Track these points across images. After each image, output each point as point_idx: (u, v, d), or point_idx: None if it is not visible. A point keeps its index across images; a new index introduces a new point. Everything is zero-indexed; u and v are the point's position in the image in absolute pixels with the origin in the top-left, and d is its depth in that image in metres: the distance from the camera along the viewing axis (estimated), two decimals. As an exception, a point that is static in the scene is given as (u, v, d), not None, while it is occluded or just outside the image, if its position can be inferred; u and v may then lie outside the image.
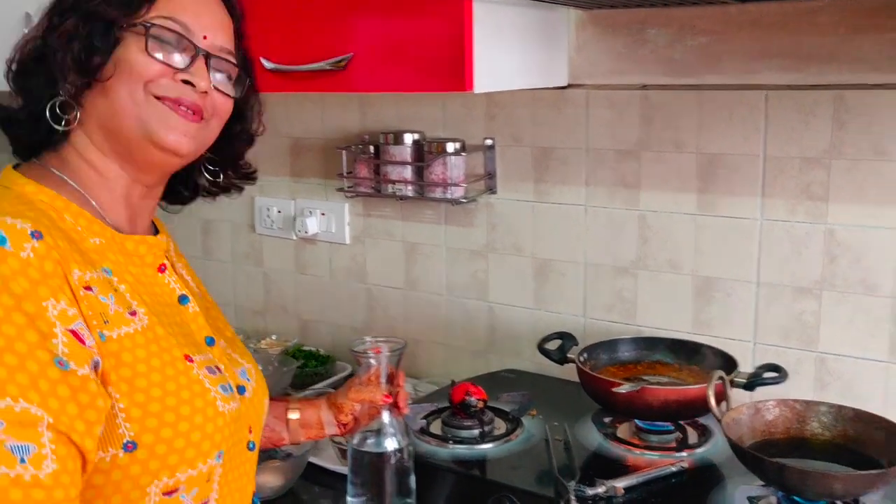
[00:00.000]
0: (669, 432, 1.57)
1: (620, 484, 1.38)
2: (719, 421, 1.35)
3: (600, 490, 1.36)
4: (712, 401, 1.33)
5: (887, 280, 1.55)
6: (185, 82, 1.01)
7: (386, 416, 1.38)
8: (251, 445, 1.09)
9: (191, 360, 0.99)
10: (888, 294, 1.55)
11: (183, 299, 1.08)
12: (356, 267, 2.20)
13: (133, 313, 0.96)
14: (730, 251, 1.70)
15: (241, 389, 1.07)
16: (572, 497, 1.33)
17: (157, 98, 1.00)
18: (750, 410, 1.40)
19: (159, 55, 1.00)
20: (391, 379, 1.38)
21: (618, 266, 1.83)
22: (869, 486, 1.22)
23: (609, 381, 1.51)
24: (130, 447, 0.91)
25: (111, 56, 0.99)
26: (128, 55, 0.99)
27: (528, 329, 1.95)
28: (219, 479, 1.00)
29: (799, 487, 1.23)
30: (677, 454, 1.52)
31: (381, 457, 1.39)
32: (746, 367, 1.63)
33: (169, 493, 0.95)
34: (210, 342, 1.07)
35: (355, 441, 1.40)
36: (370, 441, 1.39)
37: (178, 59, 1.01)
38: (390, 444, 1.39)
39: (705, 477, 1.45)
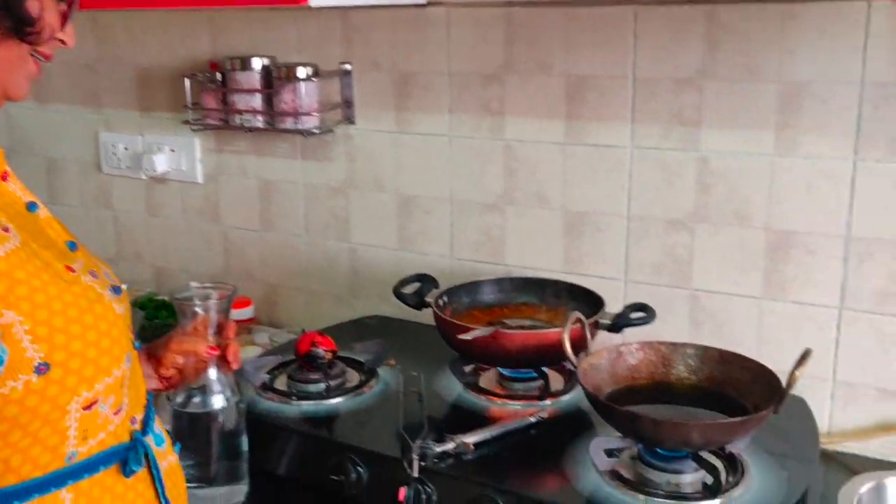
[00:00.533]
0: (532, 379, 1.45)
1: (472, 439, 1.25)
2: (575, 368, 1.23)
3: (449, 447, 1.24)
4: (568, 346, 1.21)
5: (760, 211, 1.45)
6: None
7: (213, 372, 1.22)
8: (137, 345, 1.06)
9: (73, 270, 0.94)
10: (761, 226, 1.45)
11: (31, 206, 1.00)
12: (210, 207, 2.02)
13: (6, 229, 0.90)
14: (600, 182, 1.57)
15: (117, 290, 1.02)
16: (415, 457, 1.20)
17: None
18: (611, 355, 1.28)
19: None
20: (220, 330, 1.22)
21: (485, 201, 1.69)
22: (730, 434, 1.12)
23: (460, 327, 1.38)
24: (43, 369, 0.87)
25: None
26: None
27: (392, 271, 1.80)
28: (127, 383, 0.98)
29: (655, 438, 1.12)
30: (540, 403, 1.40)
31: (205, 417, 1.23)
32: (617, 306, 1.52)
33: (88, 406, 0.91)
34: (72, 246, 1.00)
35: (179, 400, 1.23)
36: (195, 400, 1.23)
37: None
38: (216, 403, 1.23)
39: (566, 428, 1.34)
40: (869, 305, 1.40)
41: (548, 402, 1.41)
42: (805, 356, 1.11)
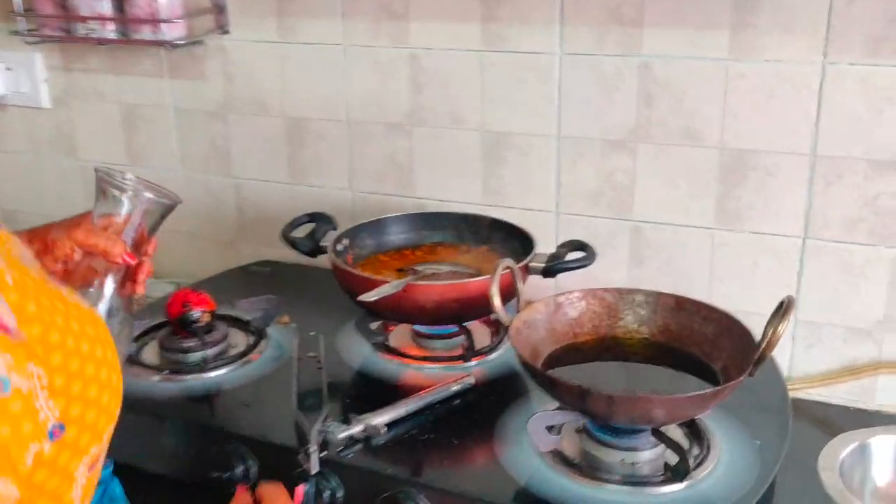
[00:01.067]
0: (454, 335, 1.22)
1: (383, 419, 1.02)
2: (506, 328, 1.00)
3: (355, 430, 1.00)
4: (497, 301, 0.98)
5: (713, 127, 1.23)
6: None
7: (109, 287, 0.88)
8: None
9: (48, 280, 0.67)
10: (714, 144, 1.23)
11: None
12: (63, 139, 1.70)
13: None
14: (524, 97, 1.33)
15: None
16: (312, 448, 0.96)
17: None
18: (548, 308, 1.06)
19: None
20: (138, 244, 0.91)
21: (388, 122, 1.43)
22: (700, 408, 0.92)
23: (362, 281, 1.13)
24: (57, 432, 0.59)
25: None
26: None
27: (283, 209, 1.53)
28: None
29: (609, 415, 0.91)
30: (465, 365, 1.18)
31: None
32: (549, 245, 1.30)
33: (93, 465, 0.65)
34: None
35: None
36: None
37: None
38: None
39: (498, 395, 1.12)
40: (836, 234, 1.21)
41: (473, 362, 1.18)
42: (787, 307, 0.91)
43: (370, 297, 1.05)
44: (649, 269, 1.32)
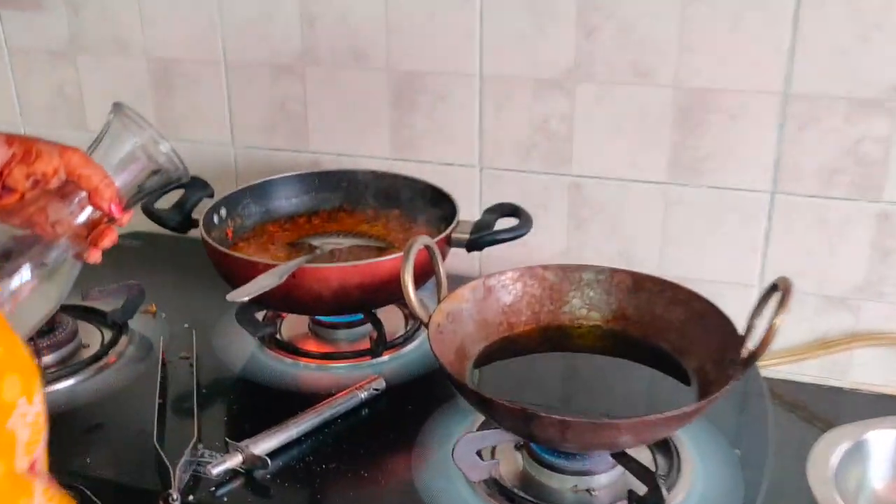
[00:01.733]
0: (360, 322, 1.00)
1: (269, 444, 0.80)
2: (425, 325, 0.78)
3: (233, 462, 0.78)
4: (411, 293, 0.76)
5: (667, 61, 1.02)
6: None
7: (63, 244, 0.69)
8: None
9: None
10: (668, 82, 1.02)
11: None
12: None
13: None
14: (437, 28, 1.09)
15: None
16: (174, 492, 0.74)
17: None
18: (475, 295, 0.84)
19: None
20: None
21: (276, 62, 1.18)
22: (674, 427, 0.72)
23: (241, 265, 0.90)
24: None
25: None
26: None
27: (152, 169, 1.27)
28: None
29: (563, 442, 0.70)
30: (374, 362, 0.96)
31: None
32: (471, 206, 1.09)
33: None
34: None
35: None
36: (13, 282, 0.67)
37: None
38: (45, 299, 0.69)
39: (417, 401, 0.90)
40: (811, 187, 1.02)
41: (385, 358, 0.96)
42: (785, 293, 0.71)
43: (240, 295, 0.81)
44: (591, 233, 1.12)
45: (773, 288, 0.72)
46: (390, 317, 1.02)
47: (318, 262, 0.94)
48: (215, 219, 1.03)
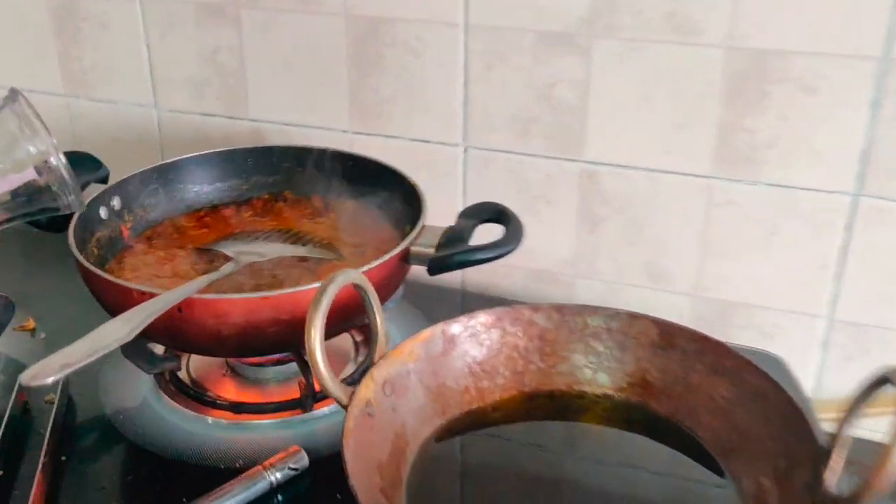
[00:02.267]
0: (287, 360, 0.74)
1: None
2: (344, 407, 0.52)
3: None
4: (320, 361, 0.50)
5: (718, 13, 0.74)
6: None
7: None
8: None
9: None
10: (718, 41, 0.74)
11: None
12: None
13: None
14: (410, -39, 0.81)
15: None
16: None
17: None
18: (431, 348, 0.59)
19: None
20: None
21: (201, 1, 0.91)
22: None
23: (114, 290, 0.64)
24: None
25: None
26: None
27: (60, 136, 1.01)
28: None
29: None
30: (304, 418, 0.70)
31: None
32: (454, 203, 0.83)
33: None
34: None
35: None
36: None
37: None
38: None
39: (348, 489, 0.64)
40: (908, 188, 0.75)
41: (319, 412, 0.71)
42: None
43: (39, 377, 0.54)
44: (607, 238, 0.85)
45: (882, 381, 0.46)
46: (334, 346, 0.77)
47: (220, 286, 0.68)
48: (102, 212, 0.77)
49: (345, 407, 0.51)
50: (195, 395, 0.73)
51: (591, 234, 0.85)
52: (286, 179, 0.86)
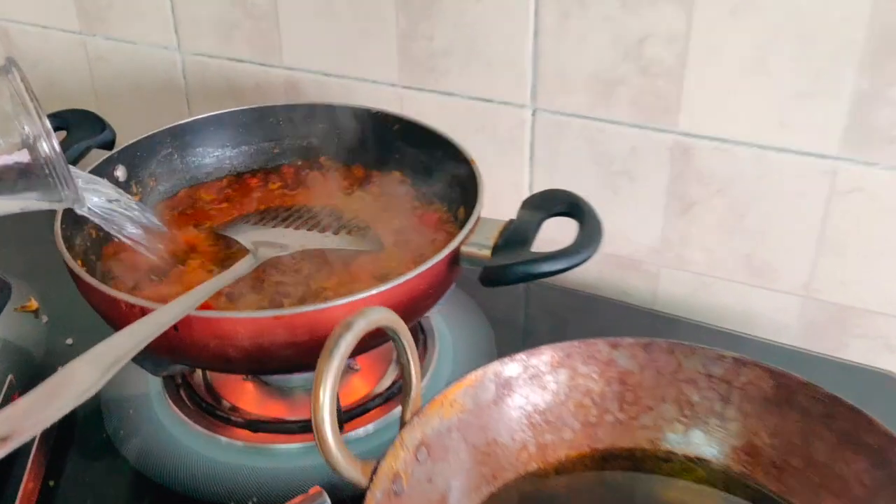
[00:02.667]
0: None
1: None
2: (364, 489, 0.40)
3: None
4: (329, 434, 0.38)
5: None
6: None
7: None
8: None
9: None
10: (866, -11, 0.58)
11: None
12: None
13: None
14: None
15: None
16: None
17: None
18: (479, 396, 0.46)
19: None
20: None
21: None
22: None
23: (99, 298, 0.54)
24: None
25: None
26: None
27: (76, 80, 0.91)
28: None
29: None
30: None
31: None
32: (520, 175, 0.70)
33: None
34: None
35: None
36: None
37: None
38: None
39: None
40: None
41: (354, 433, 0.60)
42: None
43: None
44: (703, 224, 0.71)
45: None
46: (369, 359, 0.65)
47: (233, 289, 0.56)
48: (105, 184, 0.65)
49: (365, 489, 0.39)
50: (208, 408, 0.62)
51: (682, 217, 0.71)
52: (321, 143, 0.73)
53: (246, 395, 0.64)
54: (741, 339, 0.69)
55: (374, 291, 0.51)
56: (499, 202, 0.62)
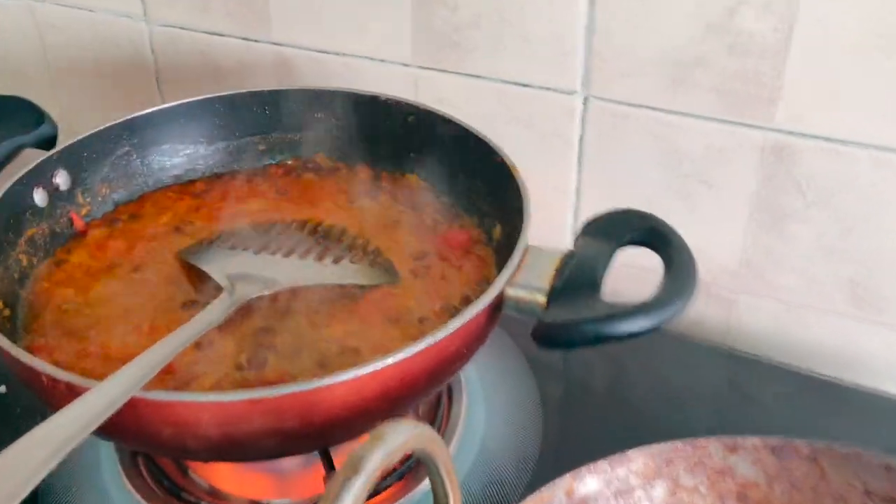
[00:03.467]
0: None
1: None
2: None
3: None
4: None
5: None
6: None
7: None
8: None
9: None
10: None
11: None
12: None
13: None
14: None
15: None
16: None
17: None
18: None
19: None
20: None
21: None
22: None
23: (20, 368, 0.39)
24: None
25: None
26: None
27: (26, 54, 0.76)
28: None
29: None
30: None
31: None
32: (566, 178, 0.56)
33: None
34: None
35: None
36: None
37: None
38: None
39: None
40: None
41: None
42: None
43: None
44: (800, 241, 0.56)
45: None
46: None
47: (197, 347, 0.42)
48: (38, 197, 0.51)
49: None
50: (172, 489, 0.48)
51: (770, 233, 0.57)
52: (319, 138, 0.59)
53: (223, 470, 0.50)
54: (841, 388, 0.56)
55: (389, 360, 0.37)
56: (536, 212, 0.47)
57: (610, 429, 0.52)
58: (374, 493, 0.47)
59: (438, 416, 0.51)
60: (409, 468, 0.48)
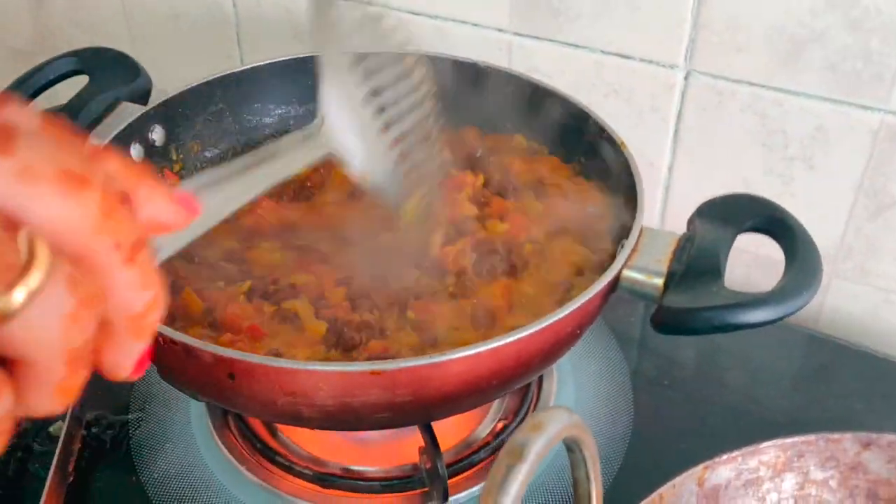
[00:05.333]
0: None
1: None
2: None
3: None
4: None
5: None
6: None
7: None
8: None
9: None
10: None
11: None
12: None
13: None
14: None
15: None
16: None
17: None
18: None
19: None
20: None
21: None
22: None
23: (173, 355, 0.39)
24: None
25: None
26: None
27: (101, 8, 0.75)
28: None
29: None
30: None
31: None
32: (661, 159, 0.54)
33: None
34: None
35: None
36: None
37: None
38: None
39: None
40: None
41: (458, 498, 0.45)
42: None
43: None
44: (901, 231, 0.55)
45: None
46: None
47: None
48: (134, 150, 0.51)
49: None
50: (265, 451, 0.48)
51: (874, 220, 0.55)
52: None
53: (315, 435, 0.49)
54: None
55: (509, 339, 0.36)
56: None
57: (700, 405, 0.51)
58: (466, 466, 0.47)
59: (529, 393, 0.51)
60: (501, 445, 0.48)
